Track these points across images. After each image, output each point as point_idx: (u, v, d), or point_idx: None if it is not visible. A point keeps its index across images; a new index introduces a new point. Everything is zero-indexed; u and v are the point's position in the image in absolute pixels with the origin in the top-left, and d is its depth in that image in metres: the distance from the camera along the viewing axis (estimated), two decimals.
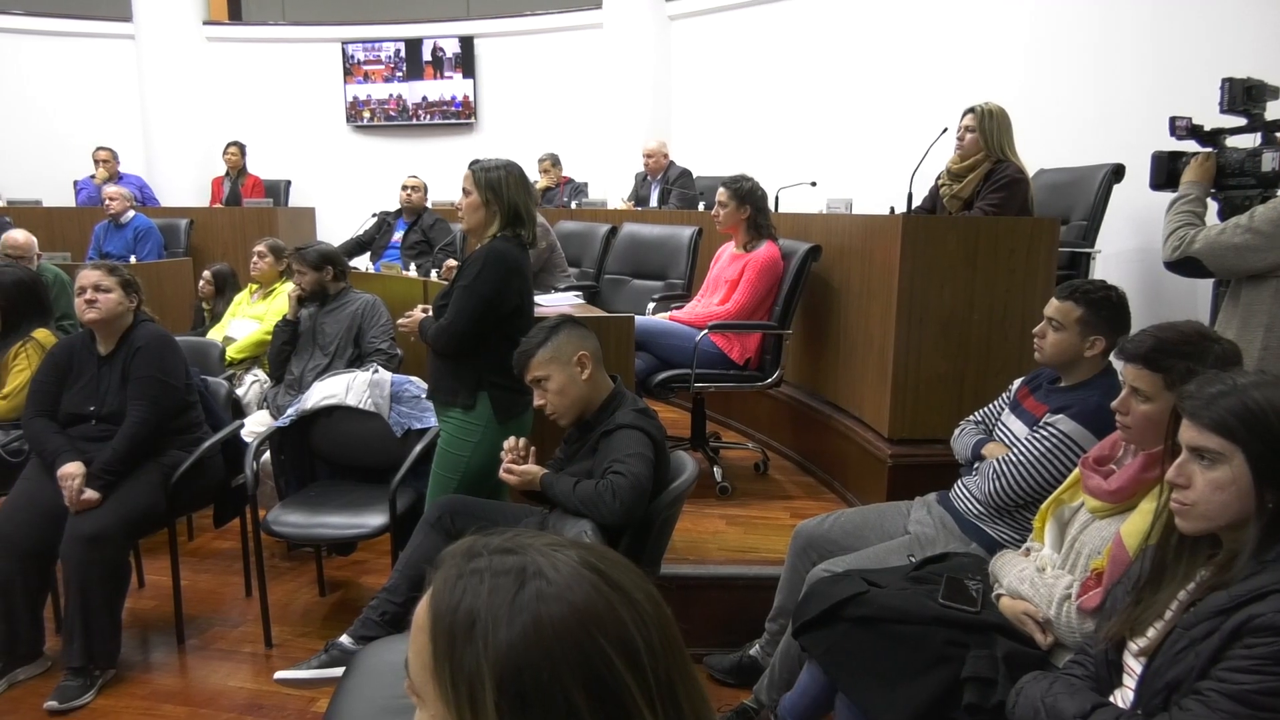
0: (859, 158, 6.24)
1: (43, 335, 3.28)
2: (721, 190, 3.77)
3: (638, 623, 0.71)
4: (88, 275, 2.80)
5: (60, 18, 8.71)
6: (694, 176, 6.52)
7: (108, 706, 2.65)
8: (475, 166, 2.67)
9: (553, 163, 7.20)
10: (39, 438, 2.79)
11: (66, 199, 7.67)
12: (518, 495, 2.57)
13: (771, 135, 7.13)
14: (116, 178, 7.18)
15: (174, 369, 2.94)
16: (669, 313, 3.90)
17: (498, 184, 2.65)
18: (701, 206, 5.80)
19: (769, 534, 3.29)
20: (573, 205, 6.63)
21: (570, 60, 8.50)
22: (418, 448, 2.96)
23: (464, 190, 2.67)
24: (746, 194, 3.71)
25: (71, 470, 2.66)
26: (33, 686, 2.73)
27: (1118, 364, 1.93)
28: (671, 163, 6.56)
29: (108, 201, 6.06)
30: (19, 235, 4.50)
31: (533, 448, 2.37)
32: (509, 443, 2.36)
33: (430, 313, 2.73)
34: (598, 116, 8.20)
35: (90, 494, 2.66)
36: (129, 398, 2.83)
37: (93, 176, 7.32)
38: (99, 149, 7.34)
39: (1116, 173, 3.95)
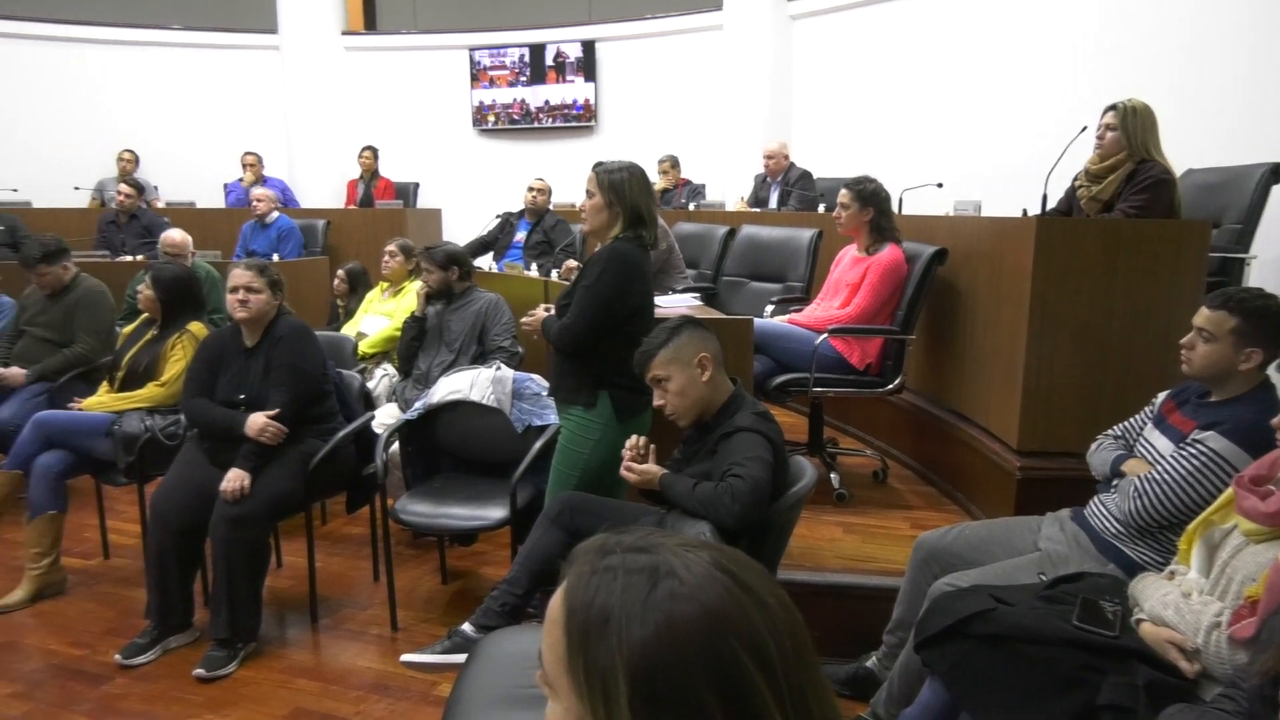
0: (988, 158, 6.02)
1: (197, 328, 3.52)
2: (844, 192, 3.71)
3: (770, 627, 0.71)
4: (240, 275, 2.99)
5: (212, 31, 9.31)
6: (814, 178, 6.43)
7: (248, 677, 2.82)
8: (599, 169, 2.71)
9: (672, 164, 7.23)
10: (202, 413, 3.01)
11: (217, 200, 8.20)
12: (635, 494, 2.59)
13: (895, 135, 6.96)
14: (262, 181, 7.62)
15: (311, 358, 3.12)
16: (787, 316, 3.85)
17: (620, 186, 2.68)
18: (822, 208, 5.71)
19: (887, 544, 3.21)
20: (690, 207, 6.64)
21: (690, 62, 8.52)
22: (538, 444, 3.03)
23: (587, 192, 2.72)
24: (869, 196, 3.64)
25: (238, 473, 2.86)
26: (183, 654, 2.93)
27: None
28: (792, 164, 6.49)
29: (255, 203, 6.44)
30: (176, 235, 4.83)
31: (653, 446, 2.39)
32: (630, 441, 2.39)
33: (553, 312, 2.79)
34: (716, 118, 8.20)
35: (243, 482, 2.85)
36: (271, 384, 3.01)
37: (241, 180, 7.79)
38: (246, 154, 7.81)
39: (1275, 172, 3.67)
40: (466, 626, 2.50)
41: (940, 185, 4.83)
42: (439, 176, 8.96)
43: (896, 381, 3.61)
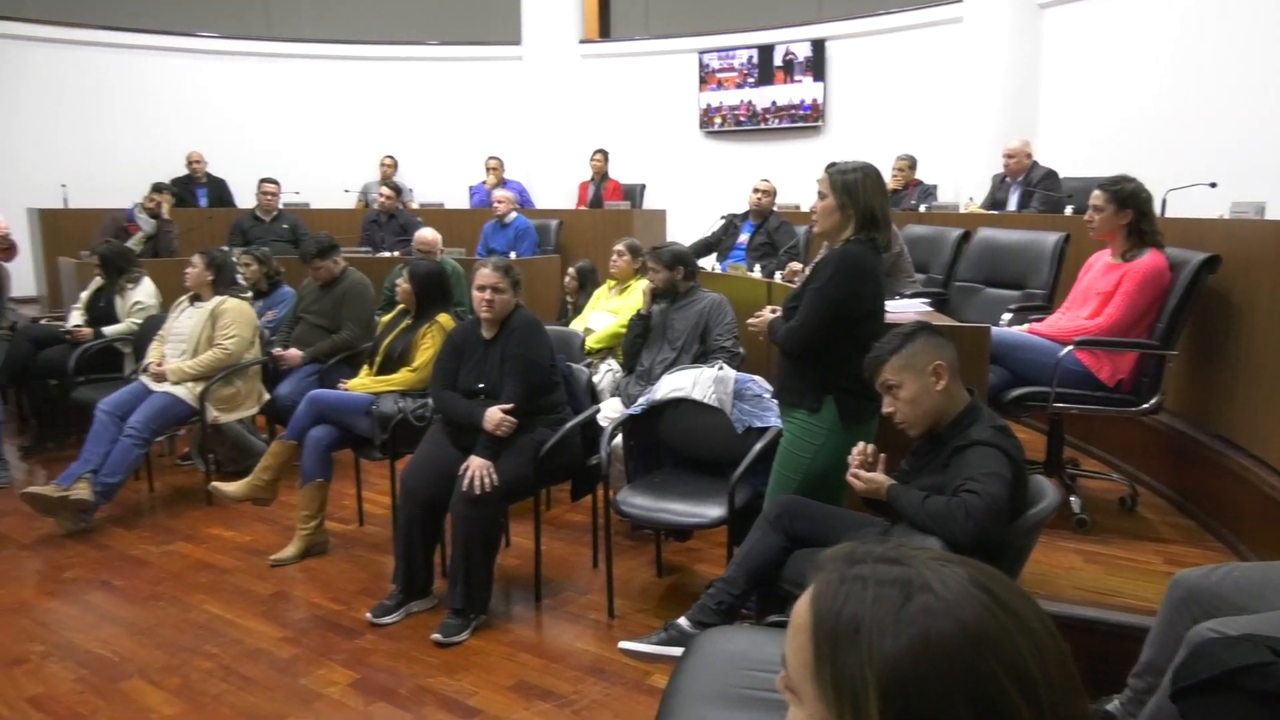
0: (1272, 154, 5.34)
1: (444, 319, 3.81)
2: (1097, 193, 3.42)
3: (1034, 652, 0.68)
4: (487, 275, 3.21)
5: (463, 45, 10.04)
6: (1059, 178, 5.98)
7: (478, 647, 3.02)
8: (832, 170, 2.66)
9: (910, 164, 6.98)
10: (448, 404, 3.26)
11: (463, 202, 8.84)
12: (857, 502, 2.53)
13: (1158, 131, 6.33)
14: (503, 183, 8.13)
15: (541, 350, 3.30)
16: (1027, 325, 3.61)
17: (854, 187, 2.62)
18: (1069, 210, 5.30)
19: (1135, 578, 2.94)
20: (921, 209, 6.38)
21: (925, 58, 8.18)
22: (758, 446, 3.03)
23: (819, 193, 2.68)
24: (1128, 197, 3.34)
25: (483, 463, 3.06)
26: (422, 619, 3.18)
27: None
28: (1035, 163, 6.07)
29: (496, 204, 6.88)
30: (428, 233, 5.26)
31: (882, 455, 2.32)
32: (857, 447, 2.33)
33: (780, 314, 2.77)
34: (951, 116, 7.82)
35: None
36: (504, 374, 3.21)
37: (484, 182, 8.36)
38: (490, 158, 8.36)
39: None
40: (683, 621, 2.54)
41: (1214, 185, 4.35)
42: (665, 178, 9.17)
43: (1153, 401, 3.29)
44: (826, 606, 0.72)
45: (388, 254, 6.65)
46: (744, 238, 5.88)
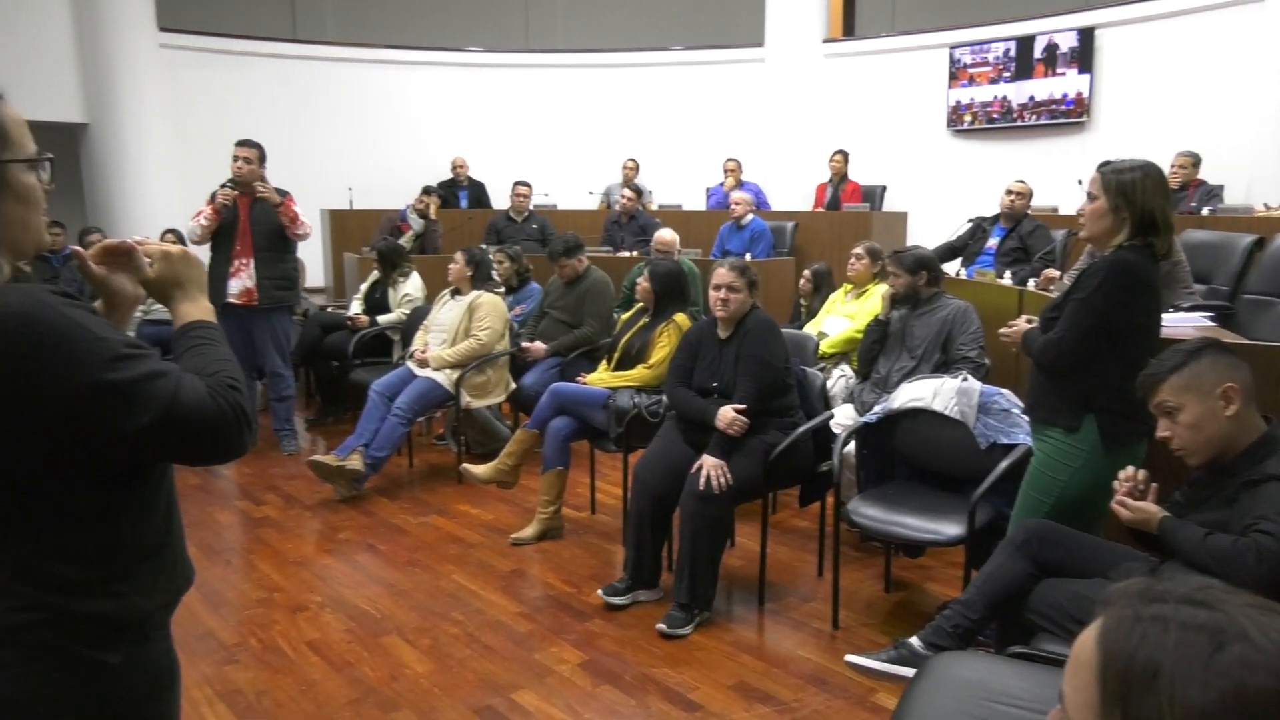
0: None
1: (681, 319, 3.89)
2: None
3: None
4: (724, 275, 3.25)
5: (706, 49, 10.19)
6: None
7: (700, 642, 3.06)
8: (1105, 169, 2.44)
9: (1193, 162, 6.28)
10: (682, 401, 3.34)
11: (700, 203, 8.98)
12: (1115, 531, 2.31)
13: None
14: (740, 185, 8.17)
15: (776, 352, 3.28)
16: None
17: (1130, 188, 2.39)
18: None
19: None
20: (1204, 211, 5.72)
21: (1217, 43, 7.31)
22: (1004, 463, 2.84)
23: (1089, 194, 2.47)
24: None
25: (717, 463, 3.09)
26: (649, 610, 3.27)
27: None
28: None
29: (733, 206, 6.93)
30: (667, 234, 5.39)
31: (1154, 485, 2.10)
32: (1126, 473, 2.13)
33: (1036, 324, 2.58)
34: (1243, 107, 6.94)
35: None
36: (738, 374, 3.23)
37: (722, 184, 8.44)
38: (728, 160, 8.43)
39: None
40: (914, 641, 2.44)
41: None
42: (907, 179, 8.83)
43: None
44: (1119, 646, 0.66)
45: (627, 254, 6.89)
46: (993, 242, 5.54)
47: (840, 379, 4.33)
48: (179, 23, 8.97)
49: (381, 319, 5.63)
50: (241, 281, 4.89)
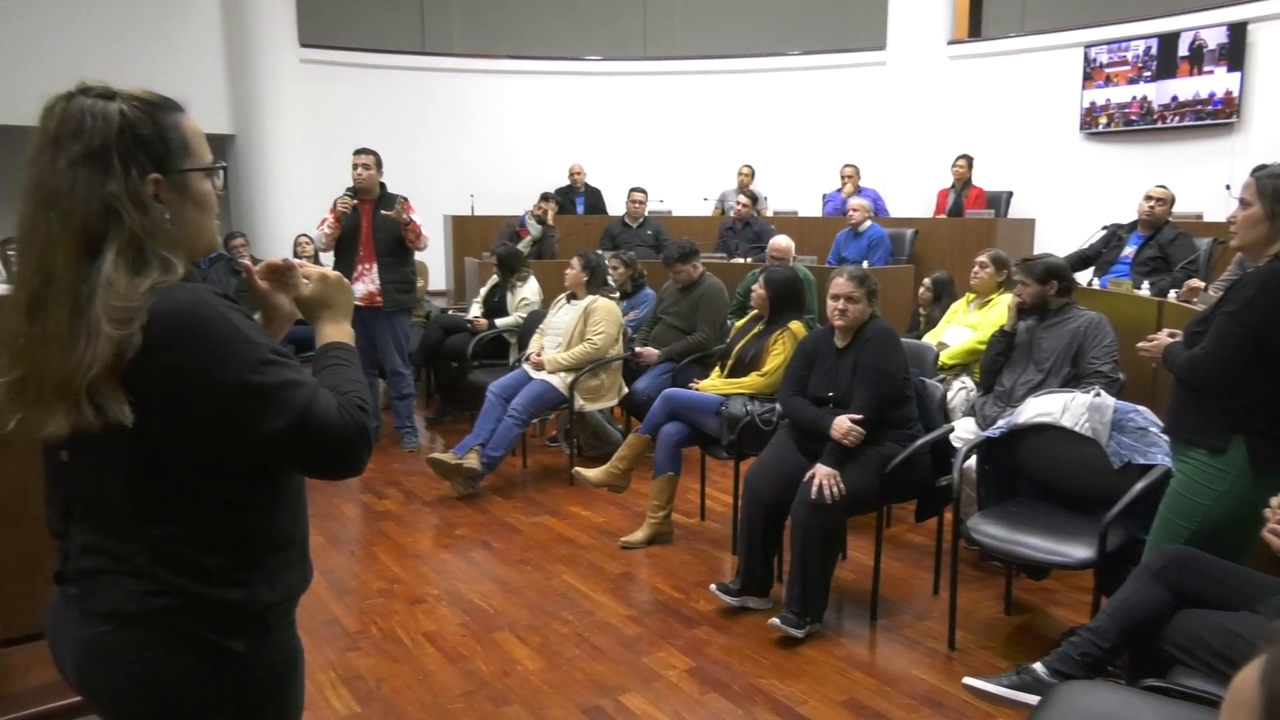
0: None
1: (796, 326, 3.84)
2: None
3: None
4: (843, 284, 3.20)
5: (825, 53, 10.05)
6: None
7: (810, 655, 3.01)
8: (1261, 173, 2.28)
9: None
10: (797, 410, 3.30)
11: (815, 210, 8.85)
12: (1264, 562, 2.15)
13: None
14: (858, 191, 8.02)
15: (895, 362, 3.21)
16: None
17: None
18: None
19: None
20: None
21: None
22: (1140, 485, 2.69)
23: (1242, 201, 2.31)
24: None
25: (830, 472, 3.05)
26: (758, 619, 3.24)
27: None
28: None
29: (850, 212, 6.81)
30: (782, 241, 5.34)
31: None
32: (1276, 501, 1.98)
33: (1179, 338, 2.44)
34: None
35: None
36: (855, 384, 3.18)
37: (840, 190, 8.30)
38: (845, 166, 8.28)
39: None
40: (1038, 667, 2.33)
41: None
42: (1035, 184, 8.46)
43: None
44: None
45: (741, 260, 6.86)
46: (1130, 250, 5.25)
47: (961, 391, 4.19)
48: (318, 38, 9.47)
49: (499, 322, 5.78)
50: (365, 285, 5.11)
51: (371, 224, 5.09)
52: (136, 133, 1.15)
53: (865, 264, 6.30)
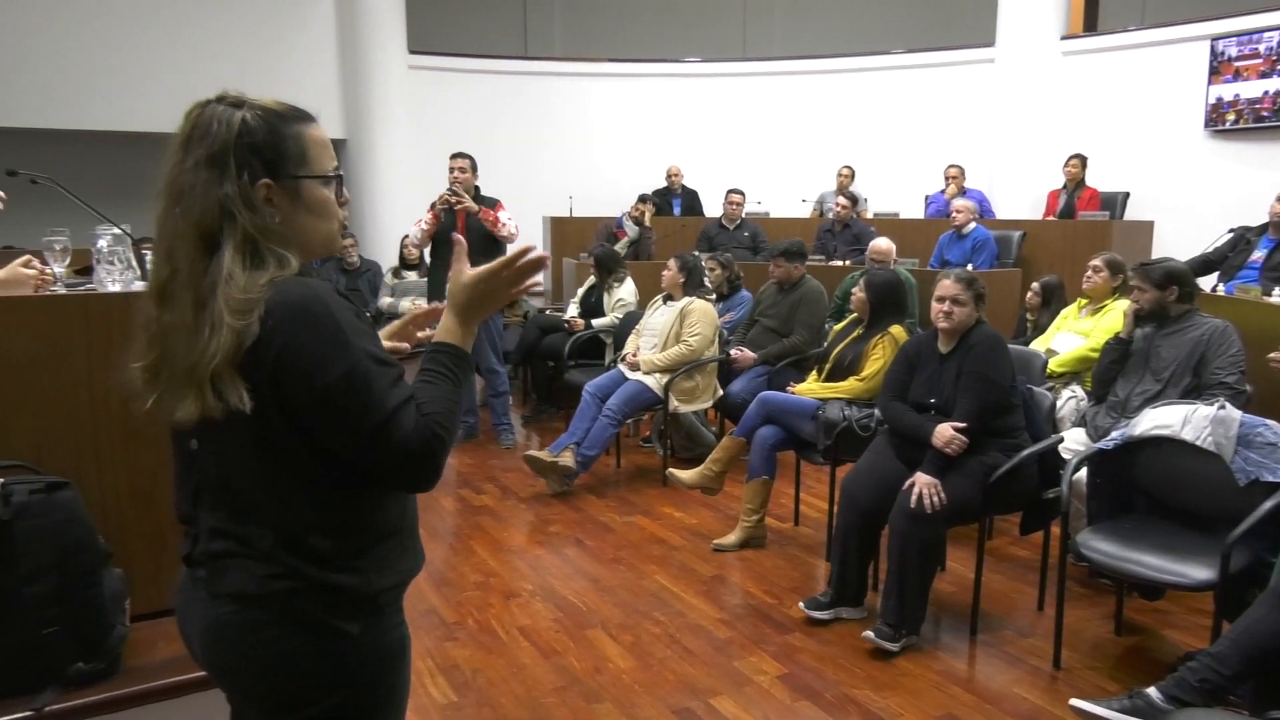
0: None
1: (897, 331, 3.76)
2: None
3: None
4: (948, 287, 3.12)
5: (931, 51, 9.80)
6: None
7: (906, 668, 2.94)
8: None
9: None
10: (897, 416, 3.23)
11: (917, 211, 8.64)
12: None
13: None
14: (962, 192, 7.79)
15: (1001, 369, 3.11)
16: None
17: None
18: None
19: None
20: None
21: None
22: (1268, 504, 2.53)
23: None
24: None
25: (930, 480, 2.97)
26: (852, 629, 3.18)
27: None
28: None
29: (954, 214, 6.63)
30: (883, 243, 5.23)
31: None
32: None
33: None
34: None
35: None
36: (959, 391, 3.09)
37: (943, 191, 8.08)
38: (950, 166, 8.06)
39: None
40: (1152, 692, 2.22)
41: None
42: (1154, 185, 8.06)
43: None
44: None
45: (840, 263, 6.75)
46: (1259, 255, 4.96)
47: (1070, 400, 4.02)
48: (425, 45, 9.77)
49: (596, 322, 5.84)
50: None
51: (465, 225, 5.22)
52: (252, 139, 1.21)
53: (969, 267, 6.12)
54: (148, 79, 8.19)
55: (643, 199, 7.36)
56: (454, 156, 5.28)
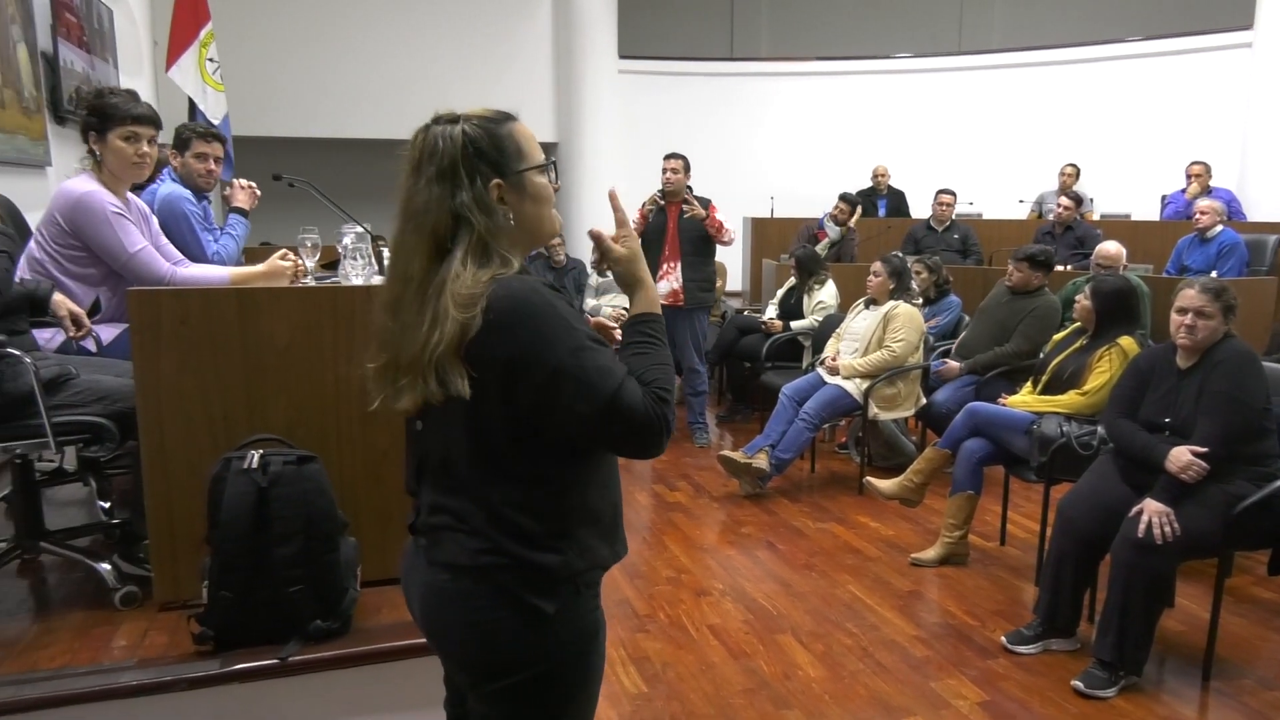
0: None
1: (1127, 342, 3.46)
2: None
3: None
4: (1193, 297, 2.83)
5: (1174, 37, 8.94)
6: None
7: (1125, 708, 2.71)
8: None
9: None
10: (1125, 435, 2.97)
11: (1152, 213, 7.92)
12: None
13: None
14: (1207, 192, 7.06)
15: (1252, 389, 2.80)
16: None
17: None
18: None
19: None
20: None
21: None
22: None
23: None
24: None
25: (1160, 509, 2.73)
26: (1063, 660, 2.97)
27: None
28: None
29: (1197, 215, 6.02)
30: (1111, 247, 4.83)
31: None
32: None
33: None
34: None
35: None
36: (1200, 412, 2.81)
37: (1184, 191, 7.36)
38: (1193, 164, 7.31)
39: None
40: None
41: None
42: None
43: None
44: None
45: (1061, 267, 6.29)
46: None
47: None
48: (634, 50, 10.03)
49: (795, 324, 5.77)
50: (669, 284, 5.32)
51: (677, 225, 5.30)
52: (477, 147, 1.31)
53: (1214, 274, 5.54)
54: (385, 90, 8.93)
55: (844, 199, 7.19)
56: (668, 157, 5.38)
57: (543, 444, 1.30)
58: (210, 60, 5.97)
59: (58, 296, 2.42)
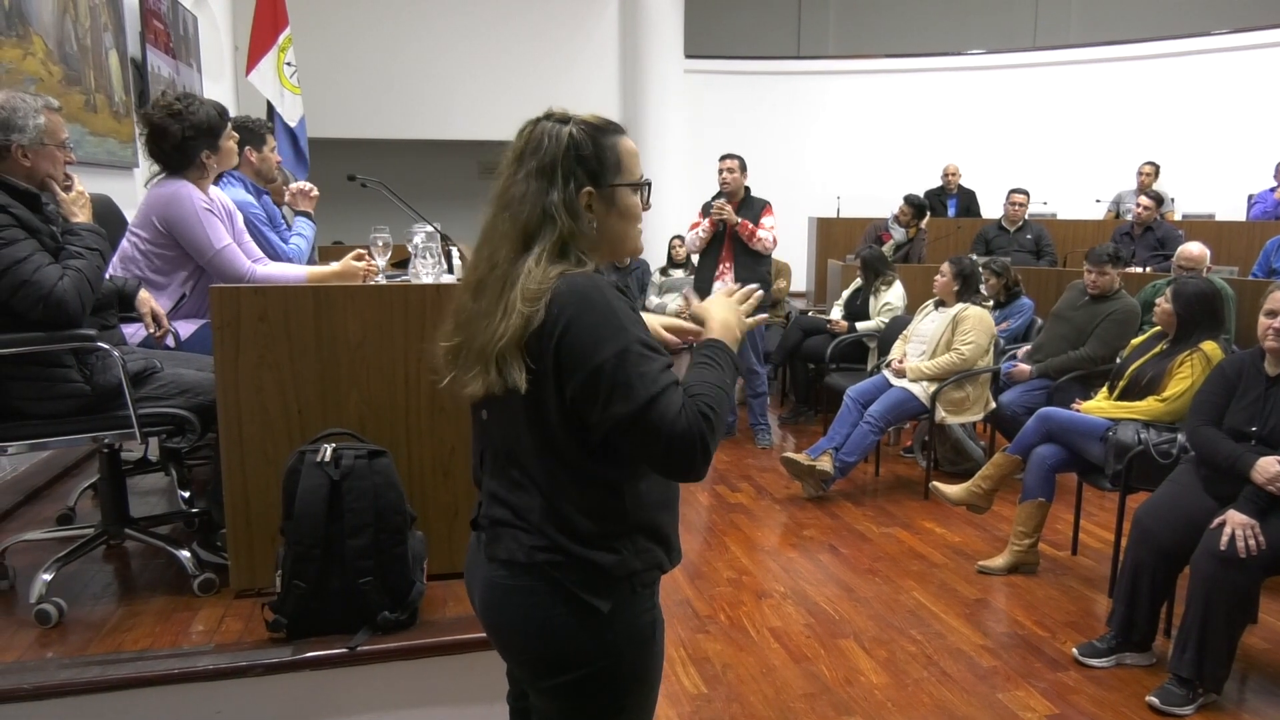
0: None
1: (1210, 348, 3.34)
2: None
3: None
4: None
5: (1258, 30, 8.58)
6: None
7: None
8: None
9: None
10: (1209, 444, 2.86)
11: (1238, 213, 7.62)
12: None
13: None
14: None
15: None
16: None
17: None
18: None
19: None
20: None
21: None
22: None
23: None
24: None
25: (1245, 521, 2.62)
26: (1137, 675, 2.88)
27: None
28: None
29: None
30: (1194, 248, 4.66)
31: None
32: None
33: None
34: None
35: None
36: None
37: (1273, 189, 7.06)
38: None
39: None
40: None
41: None
42: None
43: None
44: None
45: (1140, 269, 6.09)
46: None
47: None
48: (701, 50, 10.01)
49: (860, 326, 5.70)
50: (725, 285, 5.29)
51: (733, 232, 5.27)
52: (579, 152, 1.33)
53: None
54: (451, 90, 9.07)
55: (908, 201, 7.03)
56: (724, 158, 5.35)
57: (600, 444, 1.30)
58: (288, 64, 6.15)
59: (142, 294, 2.53)
